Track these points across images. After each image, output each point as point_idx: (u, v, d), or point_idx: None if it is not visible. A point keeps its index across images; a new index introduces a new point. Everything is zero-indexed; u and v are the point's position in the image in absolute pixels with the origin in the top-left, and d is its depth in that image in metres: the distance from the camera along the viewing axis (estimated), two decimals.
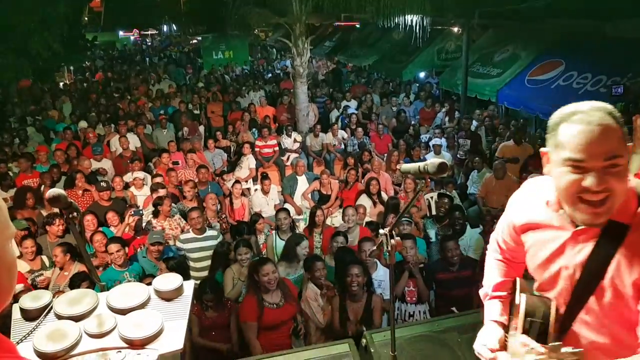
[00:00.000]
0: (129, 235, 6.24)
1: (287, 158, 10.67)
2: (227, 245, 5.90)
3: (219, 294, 4.85)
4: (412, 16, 11.80)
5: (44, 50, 12.88)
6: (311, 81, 14.65)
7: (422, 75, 16.34)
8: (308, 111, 12.44)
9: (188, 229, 6.29)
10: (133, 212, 6.42)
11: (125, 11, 36.74)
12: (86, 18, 33.75)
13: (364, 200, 7.59)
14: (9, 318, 1.90)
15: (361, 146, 10.37)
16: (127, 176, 8.33)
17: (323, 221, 6.65)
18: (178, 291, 2.03)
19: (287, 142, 10.98)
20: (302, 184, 8.62)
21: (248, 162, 9.69)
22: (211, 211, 7.05)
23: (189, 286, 2.07)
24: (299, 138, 11.13)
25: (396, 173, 9.12)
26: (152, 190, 7.38)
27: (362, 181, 8.41)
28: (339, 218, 7.71)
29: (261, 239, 6.63)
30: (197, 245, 6.07)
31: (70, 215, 2.08)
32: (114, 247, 5.28)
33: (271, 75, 20.69)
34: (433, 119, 12.39)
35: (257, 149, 10.30)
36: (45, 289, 4.80)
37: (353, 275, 4.52)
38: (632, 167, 2.12)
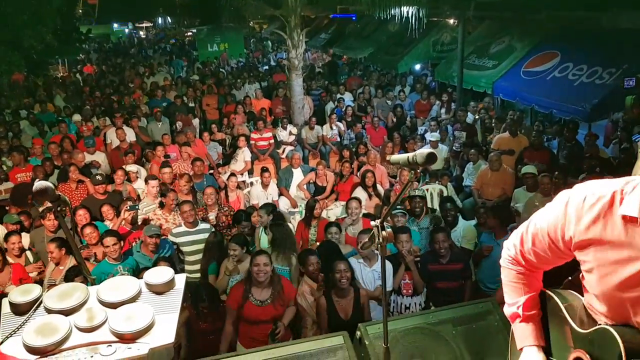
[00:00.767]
0: (125, 229, 6.21)
1: (283, 151, 10.65)
2: (221, 235, 5.85)
3: (215, 301, 4.80)
4: (408, 8, 11.76)
5: (38, 43, 12.79)
6: (306, 73, 14.59)
7: (418, 67, 16.30)
8: (303, 104, 12.41)
9: (180, 223, 6.29)
10: (129, 207, 6.40)
11: (119, 4, 36.57)
12: (80, 11, 33.58)
13: (360, 192, 7.57)
14: None
15: (358, 138, 10.35)
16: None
17: (319, 214, 6.65)
18: (169, 284, 2.01)
19: (283, 135, 10.96)
20: (298, 177, 8.61)
21: (243, 155, 9.67)
22: (209, 206, 7.02)
23: (181, 279, 2.05)
24: (295, 131, 11.10)
25: (392, 165, 9.12)
26: (146, 181, 7.38)
27: (358, 174, 8.40)
28: (335, 210, 7.73)
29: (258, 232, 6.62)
30: (190, 238, 6.06)
31: (59, 208, 2.06)
32: (110, 241, 5.24)
33: (267, 67, 20.63)
34: (429, 112, 12.39)
35: (253, 142, 10.28)
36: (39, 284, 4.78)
37: (341, 271, 4.47)
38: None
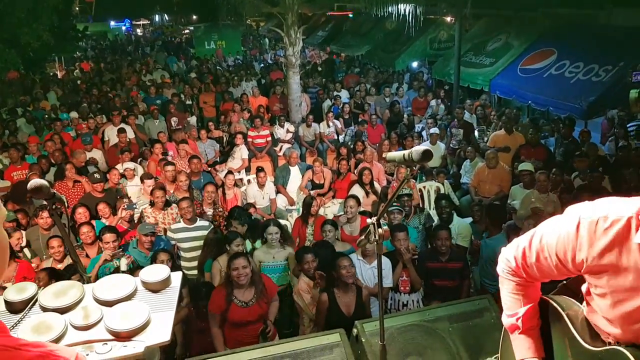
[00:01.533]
0: (123, 228, 6.21)
1: (280, 148, 10.65)
2: (221, 232, 5.85)
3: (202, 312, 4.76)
4: (405, 5, 11.77)
5: (34, 40, 12.74)
6: (303, 71, 14.59)
7: (415, 65, 16.31)
8: (301, 101, 12.40)
9: (179, 220, 6.29)
10: (126, 206, 6.38)
11: (116, 1, 36.46)
12: (77, 8, 33.46)
13: (357, 190, 7.58)
14: None
15: (358, 136, 10.35)
16: (118, 167, 8.29)
17: (316, 211, 6.66)
18: (165, 282, 2.00)
19: (280, 133, 10.95)
20: (295, 175, 8.60)
21: (240, 153, 9.66)
22: (207, 203, 7.02)
23: (177, 277, 2.05)
24: (292, 128, 11.10)
25: (388, 163, 9.13)
26: (142, 180, 7.40)
27: (355, 171, 8.40)
28: (332, 208, 7.73)
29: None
30: (188, 235, 6.06)
31: (53, 206, 2.05)
32: (110, 237, 5.28)
33: (263, 65, 20.60)
34: (426, 109, 12.40)
35: (250, 140, 10.27)
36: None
37: (346, 266, 4.48)
38: None
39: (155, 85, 14.43)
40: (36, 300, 1.90)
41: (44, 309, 1.87)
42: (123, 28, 40.92)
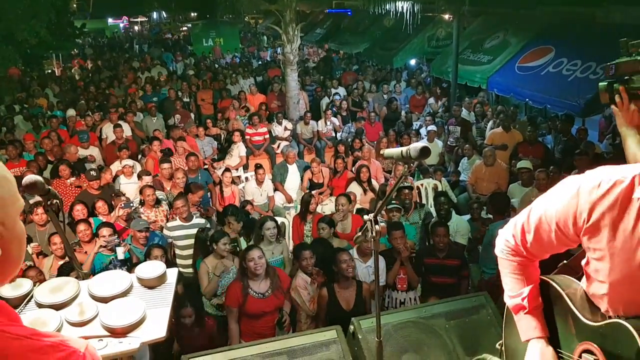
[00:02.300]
0: (120, 226, 6.20)
1: (278, 146, 10.63)
2: (207, 231, 5.82)
3: (199, 310, 4.72)
4: (403, 3, 11.77)
5: (32, 37, 12.69)
6: (302, 69, 14.56)
7: (413, 62, 16.30)
8: (299, 99, 12.38)
9: (175, 217, 6.28)
10: (123, 205, 6.37)
11: None
12: (75, 5, 33.30)
13: (355, 187, 7.59)
14: None
15: (358, 133, 10.34)
16: (116, 164, 8.28)
17: (314, 208, 6.66)
18: (161, 279, 2.01)
19: (278, 130, 10.93)
20: (293, 172, 8.60)
21: (238, 150, 9.65)
22: (193, 203, 6.97)
23: (172, 274, 2.05)
24: (290, 126, 11.07)
25: (386, 160, 9.12)
26: (139, 177, 7.42)
27: (353, 169, 8.40)
28: (330, 206, 7.73)
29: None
30: (184, 232, 6.05)
31: (48, 202, 2.04)
32: (106, 231, 5.31)
33: (261, 62, 20.57)
34: (424, 107, 12.40)
35: (248, 137, 10.25)
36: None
37: (346, 261, 4.51)
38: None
39: (152, 82, 14.40)
40: (32, 296, 1.90)
41: (40, 305, 1.87)
42: (121, 25, 40.83)
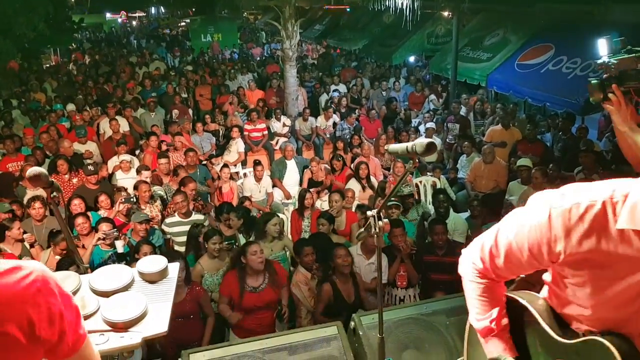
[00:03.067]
0: (120, 221, 6.17)
1: (276, 142, 10.61)
2: (201, 227, 5.76)
3: (187, 275, 4.60)
4: None
5: (29, 31, 12.64)
6: (300, 65, 14.52)
7: (412, 59, 16.27)
8: (297, 95, 12.35)
9: (173, 213, 6.25)
10: (124, 200, 6.35)
11: None
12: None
13: (353, 184, 7.58)
14: None
15: (356, 130, 10.31)
16: (114, 159, 8.25)
17: (312, 204, 6.64)
18: (162, 273, 1.99)
19: (276, 126, 10.90)
20: (292, 169, 8.59)
21: (237, 146, 9.63)
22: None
23: (174, 268, 2.03)
24: (288, 122, 11.05)
25: (385, 157, 9.12)
26: (137, 172, 7.40)
27: (352, 165, 8.39)
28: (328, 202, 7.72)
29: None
30: (182, 229, 6.03)
31: (52, 195, 2.03)
32: (105, 227, 5.30)
33: (260, 58, 20.52)
34: (422, 104, 12.38)
35: (246, 133, 10.23)
36: None
37: (342, 256, 4.55)
38: None
39: (150, 77, 14.34)
40: None
41: None
42: (119, 20, 40.69)
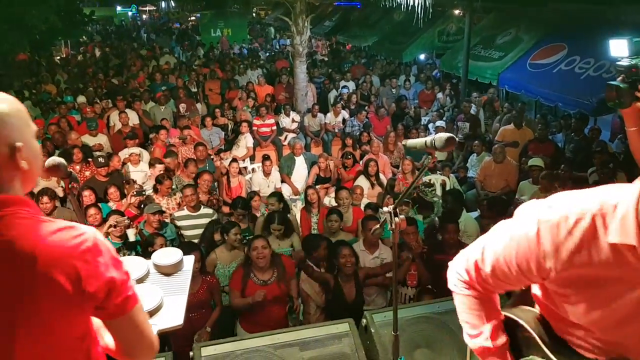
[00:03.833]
0: (132, 213, 6.18)
1: (285, 138, 10.59)
2: (217, 223, 5.77)
3: (202, 266, 4.65)
4: None
5: (41, 23, 12.67)
6: (310, 61, 14.48)
7: (423, 57, 16.20)
8: (307, 91, 12.32)
9: (182, 207, 6.27)
10: (135, 192, 6.35)
11: None
12: None
13: (362, 181, 7.55)
14: None
15: (366, 127, 10.27)
16: (124, 152, 8.26)
17: (318, 200, 6.62)
18: (177, 266, 1.98)
19: (285, 122, 10.89)
20: (300, 164, 8.58)
21: (245, 141, 9.62)
22: (203, 192, 6.95)
23: (189, 261, 2.02)
24: (297, 118, 11.03)
25: (394, 155, 9.09)
26: (150, 165, 7.40)
27: (361, 162, 8.37)
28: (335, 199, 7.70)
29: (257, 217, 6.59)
30: (191, 222, 6.05)
31: (70, 185, 2.02)
32: (116, 218, 5.30)
33: (269, 54, 20.50)
34: (432, 102, 12.32)
35: (255, 128, 10.22)
36: None
37: (346, 256, 4.51)
38: None
39: (160, 71, 14.36)
40: None
41: None
42: (129, 13, 40.77)
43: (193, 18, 32.62)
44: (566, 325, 1.50)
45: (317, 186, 7.77)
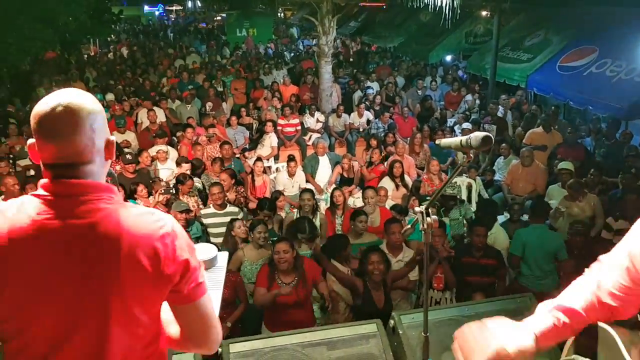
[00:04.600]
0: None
1: (309, 138, 10.60)
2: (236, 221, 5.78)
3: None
4: None
5: (71, 22, 12.89)
6: (335, 61, 14.48)
7: (449, 58, 16.07)
8: (332, 91, 12.31)
9: (209, 204, 6.31)
10: (163, 191, 6.41)
11: None
12: None
13: (386, 182, 7.51)
14: None
15: (391, 128, 10.22)
16: (151, 149, 8.35)
17: (344, 202, 6.60)
18: (212, 262, 1.99)
19: (310, 122, 10.89)
20: (324, 165, 8.57)
21: (270, 141, 9.66)
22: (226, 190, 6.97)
23: (223, 257, 2.03)
24: (322, 118, 11.02)
25: (419, 156, 9.03)
26: (177, 164, 7.48)
27: (385, 163, 8.34)
28: (362, 199, 7.67)
29: (281, 216, 6.60)
30: (217, 220, 6.09)
31: (106, 180, 2.04)
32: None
33: (294, 54, 20.56)
34: (459, 104, 12.21)
35: (280, 128, 10.25)
36: None
37: (374, 263, 4.37)
38: None
39: (187, 70, 14.50)
40: None
41: None
42: (156, 13, 41.30)
43: (219, 18, 32.90)
44: None
45: (342, 187, 7.76)
